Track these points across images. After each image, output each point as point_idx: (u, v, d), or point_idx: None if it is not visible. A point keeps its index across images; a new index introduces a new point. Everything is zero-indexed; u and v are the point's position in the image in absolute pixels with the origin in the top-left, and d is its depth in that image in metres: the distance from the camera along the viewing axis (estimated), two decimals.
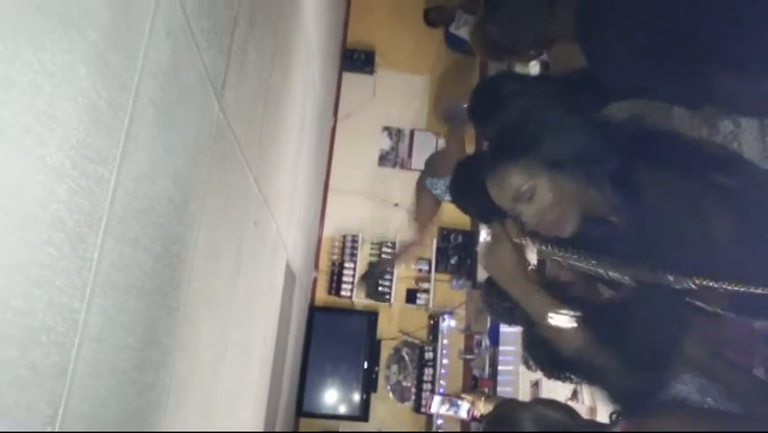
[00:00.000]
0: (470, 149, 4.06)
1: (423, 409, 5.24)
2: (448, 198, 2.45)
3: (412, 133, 5.88)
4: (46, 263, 0.93)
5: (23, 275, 0.88)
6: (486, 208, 1.54)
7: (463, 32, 5.40)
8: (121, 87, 1.11)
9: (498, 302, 2.37)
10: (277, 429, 3.86)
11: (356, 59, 5.95)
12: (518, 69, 3.53)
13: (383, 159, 5.86)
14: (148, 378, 1.46)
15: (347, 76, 5.98)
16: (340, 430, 5.13)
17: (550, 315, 1.40)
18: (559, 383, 2.35)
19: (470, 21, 5.23)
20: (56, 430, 1.01)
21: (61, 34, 0.90)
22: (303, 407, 5.07)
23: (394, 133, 5.90)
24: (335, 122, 5.83)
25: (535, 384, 4.27)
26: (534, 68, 3.75)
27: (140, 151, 1.22)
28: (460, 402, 5.02)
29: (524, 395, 4.41)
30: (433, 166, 3.51)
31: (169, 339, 1.59)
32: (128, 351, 1.32)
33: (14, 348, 0.87)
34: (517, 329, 3.75)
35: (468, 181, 1.55)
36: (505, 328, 5.01)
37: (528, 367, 3.38)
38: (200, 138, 1.64)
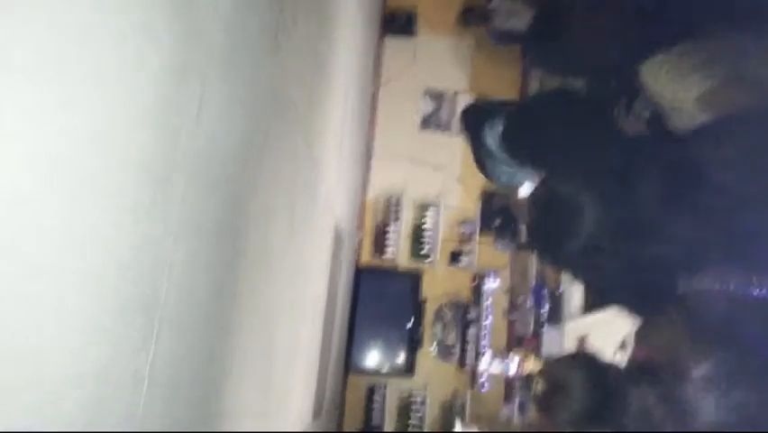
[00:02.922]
0: None
1: (467, 366, 5.33)
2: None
3: (455, 95, 5.85)
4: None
5: (106, 233, 0.95)
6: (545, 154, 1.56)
7: (513, 23, 5.17)
8: (194, 45, 1.17)
9: None
10: (328, 387, 3.99)
11: (397, 21, 5.91)
12: None
13: (425, 122, 5.86)
14: (218, 338, 1.55)
15: (388, 42, 5.95)
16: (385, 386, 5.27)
17: None
18: (606, 338, 2.34)
19: (516, 8, 5.00)
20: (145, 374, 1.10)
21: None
22: (351, 365, 5.20)
23: (436, 97, 5.88)
24: (378, 86, 5.83)
25: (581, 340, 4.31)
26: None
27: (211, 110, 1.28)
28: (508, 361, 5.07)
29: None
30: None
31: (231, 302, 1.67)
32: (200, 307, 1.40)
33: (107, 314, 0.95)
34: None
35: (531, 128, 1.56)
36: None
37: None
38: (260, 100, 1.70)
